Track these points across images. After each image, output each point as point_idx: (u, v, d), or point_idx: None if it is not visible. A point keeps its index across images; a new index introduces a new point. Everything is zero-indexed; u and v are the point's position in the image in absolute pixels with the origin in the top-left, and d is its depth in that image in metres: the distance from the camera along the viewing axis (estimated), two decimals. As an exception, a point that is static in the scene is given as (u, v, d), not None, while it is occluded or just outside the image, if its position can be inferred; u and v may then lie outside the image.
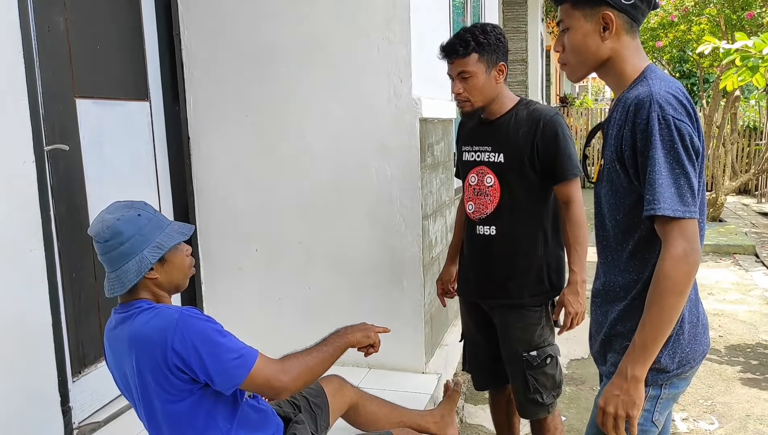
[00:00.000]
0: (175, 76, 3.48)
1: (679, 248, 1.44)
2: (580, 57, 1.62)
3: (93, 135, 2.93)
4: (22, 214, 2.40)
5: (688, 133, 1.46)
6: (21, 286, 2.40)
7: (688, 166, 1.45)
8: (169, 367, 1.67)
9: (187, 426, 1.76)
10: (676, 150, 1.44)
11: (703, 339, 1.63)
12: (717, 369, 4.13)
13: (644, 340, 1.49)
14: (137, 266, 1.72)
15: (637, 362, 1.50)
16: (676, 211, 1.43)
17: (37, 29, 2.58)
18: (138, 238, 1.72)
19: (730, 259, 7.19)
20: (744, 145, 12.43)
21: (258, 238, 3.61)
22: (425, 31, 3.54)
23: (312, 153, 3.45)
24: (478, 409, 3.49)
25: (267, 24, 3.41)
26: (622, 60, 1.59)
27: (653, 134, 1.45)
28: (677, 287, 1.45)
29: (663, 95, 1.47)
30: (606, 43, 1.57)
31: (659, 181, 1.44)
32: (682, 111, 1.47)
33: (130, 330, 1.73)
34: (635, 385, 1.51)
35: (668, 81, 1.53)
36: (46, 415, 2.52)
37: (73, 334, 2.79)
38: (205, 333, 1.69)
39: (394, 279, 3.44)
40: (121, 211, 1.75)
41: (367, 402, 2.40)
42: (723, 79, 4.36)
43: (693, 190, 1.45)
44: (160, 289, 1.81)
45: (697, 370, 1.66)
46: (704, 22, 8.76)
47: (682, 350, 1.57)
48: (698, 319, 1.61)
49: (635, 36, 1.60)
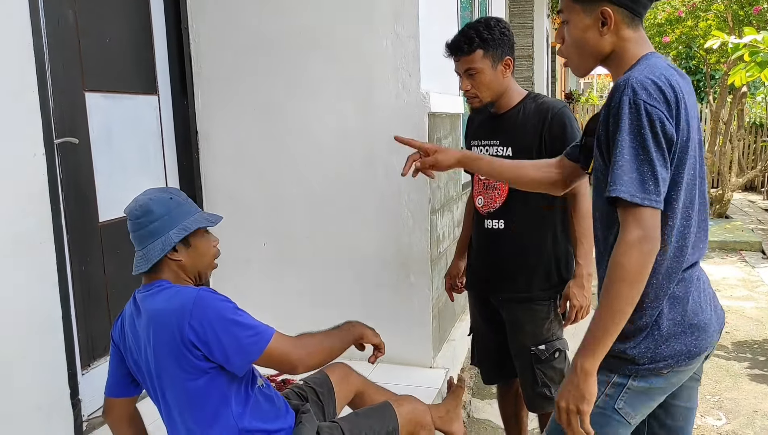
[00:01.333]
0: (183, 70, 3.48)
1: (634, 236, 1.39)
2: (580, 51, 1.60)
3: (102, 128, 2.94)
4: (32, 206, 2.40)
5: (659, 119, 1.40)
6: (31, 278, 2.40)
7: (655, 153, 1.40)
8: (185, 344, 1.70)
9: (199, 408, 1.78)
10: (643, 135, 1.40)
11: (690, 340, 1.53)
12: (724, 365, 4.13)
13: (595, 331, 1.45)
14: (162, 245, 1.79)
15: (587, 355, 1.46)
16: (633, 197, 1.39)
17: (47, 23, 2.59)
18: (166, 219, 1.80)
19: (736, 256, 7.17)
20: (750, 142, 12.39)
21: (266, 231, 3.61)
22: (434, 25, 3.53)
23: (320, 147, 3.45)
24: (485, 404, 3.49)
25: (275, 18, 3.41)
26: (624, 52, 1.55)
27: (622, 117, 1.42)
28: (628, 276, 1.40)
29: (640, 79, 1.43)
30: (605, 38, 1.55)
31: (621, 163, 1.40)
32: (659, 96, 1.41)
33: (150, 307, 1.77)
34: (584, 378, 1.46)
35: (656, 67, 1.47)
36: (56, 407, 2.53)
37: (82, 327, 2.80)
38: (222, 310, 1.73)
39: (401, 274, 3.44)
40: (154, 193, 1.85)
41: (373, 390, 2.41)
42: (731, 74, 4.35)
43: (657, 179, 1.40)
44: (183, 272, 1.86)
45: (687, 373, 1.58)
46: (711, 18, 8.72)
47: (656, 346, 1.51)
48: (684, 319, 1.53)
49: (638, 28, 1.56)
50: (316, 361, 1.88)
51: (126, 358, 1.89)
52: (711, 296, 1.64)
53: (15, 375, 2.32)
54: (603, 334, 1.44)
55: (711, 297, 1.64)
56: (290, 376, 3.16)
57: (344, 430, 2.00)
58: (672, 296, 1.52)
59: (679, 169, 1.46)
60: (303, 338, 1.87)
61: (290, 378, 3.12)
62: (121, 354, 1.90)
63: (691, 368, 1.58)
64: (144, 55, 3.27)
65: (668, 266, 1.51)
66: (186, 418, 1.81)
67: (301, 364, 1.83)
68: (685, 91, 1.48)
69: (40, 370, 2.46)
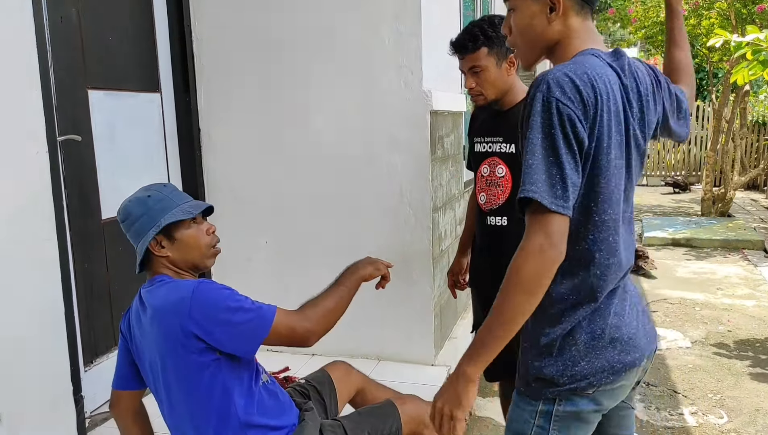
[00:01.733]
0: (186, 67, 3.49)
1: (536, 242, 1.29)
2: (527, 39, 1.50)
3: (105, 126, 2.94)
4: (35, 203, 2.41)
5: (570, 119, 1.28)
6: (34, 275, 2.41)
7: (564, 155, 1.28)
8: (188, 336, 1.71)
9: (203, 402, 1.79)
10: (553, 135, 1.29)
11: (612, 355, 1.42)
12: (726, 363, 4.13)
13: (482, 335, 1.35)
14: (143, 244, 1.81)
15: (471, 359, 1.36)
16: (543, 198, 1.27)
17: (51, 21, 2.59)
18: (145, 218, 1.81)
19: (738, 255, 7.16)
20: (753, 141, 12.38)
21: (268, 229, 3.62)
22: (436, 23, 3.53)
23: (322, 144, 3.46)
24: (487, 402, 3.49)
25: (278, 16, 3.41)
26: (568, 44, 1.45)
27: (533, 115, 1.31)
28: (524, 284, 1.29)
29: (557, 76, 1.32)
30: (553, 26, 1.45)
31: (531, 163, 1.30)
32: (574, 96, 1.29)
33: (152, 302, 1.79)
34: (464, 384, 1.37)
35: (584, 65, 1.35)
36: (59, 404, 2.54)
37: (85, 324, 2.81)
38: (221, 299, 1.74)
39: (403, 271, 3.44)
40: (136, 194, 1.86)
41: (374, 388, 2.41)
42: (734, 73, 4.34)
43: (566, 183, 1.28)
44: (176, 266, 1.86)
45: (616, 393, 1.47)
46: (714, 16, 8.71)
47: (574, 363, 1.40)
48: (605, 332, 1.41)
49: (586, 18, 1.47)
50: (325, 327, 1.87)
51: (132, 352, 1.91)
52: (640, 311, 1.53)
53: (18, 371, 2.33)
54: (491, 341, 1.33)
55: (639, 312, 1.53)
56: (292, 373, 3.17)
57: (347, 428, 2.00)
58: (597, 311, 1.41)
59: (595, 177, 1.35)
60: (306, 309, 1.86)
61: (292, 376, 3.13)
62: (129, 347, 1.91)
63: (620, 387, 1.47)
64: (146, 52, 3.28)
65: (584, 278, 1.39)
66: (189, 412, 1.82)
67: (311, 335, 1.82)
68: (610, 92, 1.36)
69: (43, 367, 2.47)
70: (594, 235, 1.37)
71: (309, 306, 1.88)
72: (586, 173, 1.34)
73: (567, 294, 1.40)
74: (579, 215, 1.35)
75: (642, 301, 1.55)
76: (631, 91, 1.43)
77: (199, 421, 1.82)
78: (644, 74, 1.50)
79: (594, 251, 1.38)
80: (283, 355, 3.58)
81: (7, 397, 2.29)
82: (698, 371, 4.01)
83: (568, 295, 1.40)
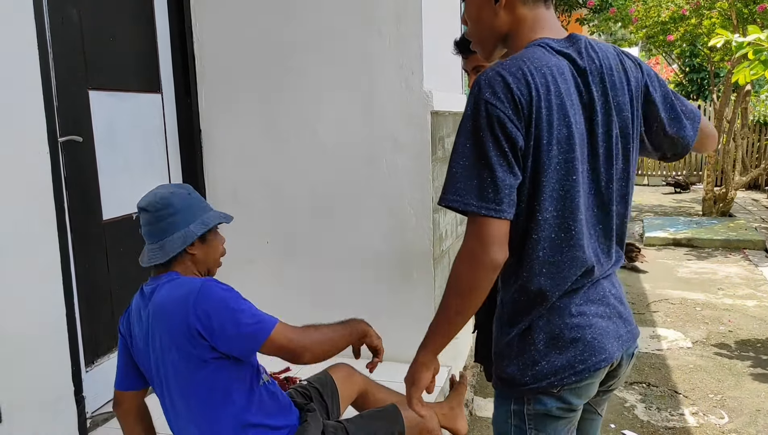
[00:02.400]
0: (186, 68, 3.49)
1: (468, 246, 1.29)
2: (478, 31, 1.48)
3: (105, 126, 2.95)
4: (36, 205, 2.42)
5: (498, 119, 1.25)
6: (35, 276, 2.42)
7: (494, 157, 1.25)
8: (191, 332, 1.72)
9: (203, 399, 1.80)
10: (482, 138, 1.26)
11: (572, 355, 1.39)
12: (727, 364, 4.13)
13: (430, 328, 1.42)
14: (183, 238, 1.83)
15: (422, 346, 1.44)
16: (468, 205, 1.26)
17: (51, 22, 2.60)
18: (187, 213, 1.84)
19: (739, 254, 7.16)
20: (754, 140, 12.38)
21: (269, 230, 3.62)
22: (436, 23, 3.53)
23: (323, 146, 3.46)
24: (488, 402, 3.49)
25: (278, 17, 3.41)
26: (516, 35, 1.42)
27: (464, 118, 1.29)
28: (458, 287, 1.32)
29: (490, 76, 1.28)
30: (500, 16, 1.41)
31: (456, 169, 1.28)
32: (505, 95, 1.26)
33: (157, 298, 1.80)
34: (417, 367, 1.44)
35: (522, 59, 1.31)
36: (60, 404, 2.55)
37: (86, 325, 2.81)
38: (226, 299, 1.76)
39: (404, 272, 3.44)
40: (174, 188, 1.89)
41: (376, 389, 2.42)
42: (735, 72, 4.34)
43: (497, 186, 1.25)
44: (195, 265, 1.90)
45: (583, 391, 1.44)
46: (715, 16, 8.71)
47: (534, 363, 1.39)
48: (564, 333, 1.39)
49: (535, 7, 1.41)
50: (320, 351, 1.88)
51: (132, 351, 1.91)
52: (615, 314, 1.47)
53: (19, 372, 2.34)
54: (433, 335, 1.41)
55: (615, 314, 1.47)
56: (293, 374, 3.17)
57: (349, 431, 2.01)
58: (555, 310, 1.39)
59: (537, 176, 1.30)
60: (307, 329, 1.88)
61: (293, 377, 3.13)
62: (128, 346, 1.92)
63: (586, 386, 1.43)
64: (147, 53, 3.28)
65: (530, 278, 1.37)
66: (190, 410, 1.82)
67: (305, 353, 1.84)
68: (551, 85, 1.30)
69: (45, 368, 2.47)
70: (538, 235, 1.34)
71: (311, 327, 1.90)
72: (529, 173, 1.31)
73: (517, 295, 1.40)
74: (525, 215, 1.34)
75: (623, 304, 1.51)
76: (590, 74, 1.37)
77: (199, 419, 1.82)
78: (606, 55, 1.43)
79: (538, 250, 1.35)
80: (283, 356, 3.59)
81: (8, 397, 2.29)
82: (699, 371, 4.01)
83: (518, 295, 1.40)
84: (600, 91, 1.38)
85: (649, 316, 5.10)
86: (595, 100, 1.36)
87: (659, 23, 9.28)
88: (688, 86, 14.80)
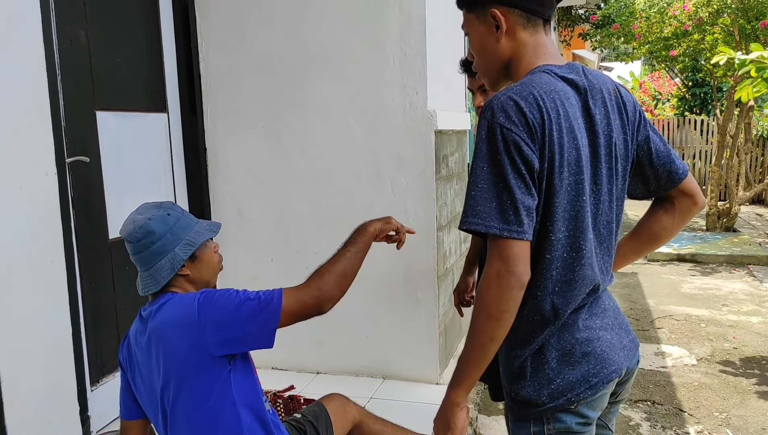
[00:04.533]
0: (192, 88, 3.52)
1: (493, 268, 1.30)
2: (483, 61, 1.50)
3: (112, 146, 2.97)
4: (44, 225, 2.44)
5: (515, 143, 1.27)
6: (42, 295, 2.44)
7: (513, 180, 1.27)
8: (205, 344, 1.69)
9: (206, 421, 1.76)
10: (500, 162, 1.28)
11: (587, 369, 1.41)
12: (732, 381, 4.11)
13: (460, 361, 1.39)
14: (170, 264, 1.78)
15: (453, 386, 1.40)
16: (490, 228, 1.28)
17: (60, 43, 2.63)
18: (169, 237, 1.78)
19: (744, 270, 7.14)
20: (758, 155, 12.38)
21: (273, 248, 3.63)
22: (440, 42, 3.56)
23: (327, 164, 3.48)
24: (492, 420, 3.49)
25: (283, 37, 3.45)
26: (519, 60, 1.44)
27: (479, 143, 1.31)
28: (486, 309, 1.31)
29: (502, 101, 1.31)
30: (503, 43, 1.43)
31: (475, 193, 1.30)
32: (518, 119, 1.28)
33: (156, 321, 1.76)
34: (451, 408, 1.41)
35: (531, 84, 1.34)
36: (65, 423, 2.55)
37: (91, 343, 2.83)
38: (226, 300, 1.73)
39: (408, 290, 3.45)
40: (151, 212, 1.81)
41: (371, 421, 2.38)
42: (738, 90, 4.36)
43: (518, 208, 1.28)
44: (192, 284, 1.86)
45: (598, 402, 1.45)
46: (718, 32, 8.74)
47: (549, 381, 1.41)
48: (575, 348, 1.42)
49: (536, 32, 1.43)
50: (337, 291, 1.85)
51: (132, 379, 1.88)
52: (617, 326, 1.52)
53: (25, 390, 2.35)
54: (465, 366, 1.38)
55: (616, 326, 1.52)
56: (297, 392, 3.17)
57: None
58: (566, 326, 1.42)
59: (550, 198, 1.33)
60: (312, 280, 1.83)
61: (297, 395, 3.13)
62: (127, 378, 1.89)
63: (600, 396, 1.45)
64: (154, 73, 3.31)
65: (544, 297, 1.39)
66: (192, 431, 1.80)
67: (325, 303, 1.81)
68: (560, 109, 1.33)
69: (50, 386, 2.48)
70: (551, 254, 1.36)
71: (315, 276, 1.85)
72: (543, 195, 1.33)
73: (531, 314, 1.40)
74: (539, 235, 1.35)
75: (621, 315, 1.56)
76: (592, 98, 1.41)
77: None
78: (604, 80, 1.47)
79: (551, 269, 1.37)
80: (288, 374, 3.59)
81: (14, 415, 2.30)
82: (704, 389, 4.00)
83: (533, 314, 1.40)
84: (601, 114, 1.41)
85: (654, 332, 5.09)
86: (597, 123, 1.40)
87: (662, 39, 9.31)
88: (691, 101, 14.82)
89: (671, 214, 1.63)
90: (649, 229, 1.67)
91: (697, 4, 8.18)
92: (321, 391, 2.34)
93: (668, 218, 1.64)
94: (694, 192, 1.61)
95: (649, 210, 1.69)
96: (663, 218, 1.65)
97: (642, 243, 1.71)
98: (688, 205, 1.62)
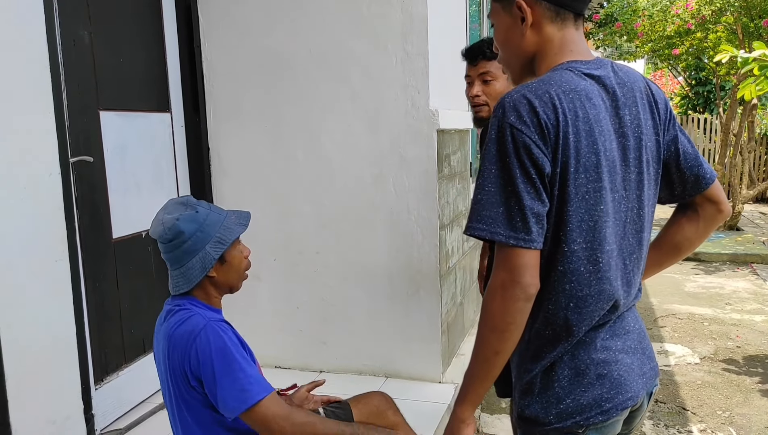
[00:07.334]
0: (195, 87, 3.53)
1: (498, 278, 1.23)
2: (508, 53, 1.42)
3: (116, 146, 2.98)
4: (48, 225, 2.45)
5: (524, 145, 1.19)
6: (47, 296, 2.45)
7: (522, 184, 1.19)
8: (184, 372, 1.72)
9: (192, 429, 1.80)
10: (509, 164, 1.20)
11: (600, 393, 1.33)
12: (735, 380, 4.11)
13: (466, 376, 1.32)
14: (201, 263, 1.77)
15: (460, 402, 1.34)
16: (496, 235, 1.20)
17: (63, 43, 2.64)
18: (199, 235, 1.77)
19: (747, 269, 7.14)
20: (761, 153, 12.35)
21: (276, 247, 3.64)
22: (442, 41, 3.57)
23: (330, 163, 3.49)
24: (495, 419, 3.49)
25: (286, 37, 3.45)
26: (544, 56, 1.35)
27: (488, 143, 1.23)
28: (491, 321, 1.24)
29: (515, 98, 1.22)
30: (528, 36, 1.34)
31: (482, 197, 1.22)
32: (531, 119, 1.20)
33: (167, 325, 1.78)
34: (457, 425, 1.34)
35: (549, 82, 1.25)
36: (70, 422, 2.56)
37: (95, 343, 2.84)
38: (225, 349, 1.70)
39: (411, 289, 3.46)
40: (178, 211, 1.79)
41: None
42: (741, 88, 4.35)
43: (526, 214, 1.19)
44: (216, 288, 1.85)
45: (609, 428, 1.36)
46: (721, 30, 8.73)
47: (559, 401, 1.32)
48: (590, 368, 1.33)
49: (564, 27, 1.34)
50: None
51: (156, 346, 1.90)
52: (639, 350, 1.42)
53: (29, 389, 2.36)
54: (472, 382, 1.31)
55: (639, 351, 1.42)
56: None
57: None
58: (581, 344, 1.33)
59: (563, 205, 1.24)
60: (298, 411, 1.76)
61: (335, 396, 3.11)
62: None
63: (612, 424, 1.36)
64: (157, 73, 3.32)
65: (556, 311, 1.30)
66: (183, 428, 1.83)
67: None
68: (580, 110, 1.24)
69: (54, 385, 2.49)
70: (564, 266, 1.27)
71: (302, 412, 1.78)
72: (555, 201, 1.24)
73: (542, 328, 1.33)
74: (551, 245, 1.27)
75: (646, 339, 1.46)
76: (621, 97, 1.32)
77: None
78: (635, 78, 1.39)
79: (564, 283, 1.28)
80: (291, 372, 3.60)
81: (18, 414, 2.31)
82: (707, 388, 4.00)
83: (543, 329, 1.33)
84: (632, 114, 1.33)
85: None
86: (626, 124, 1.31)
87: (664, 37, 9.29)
88: (695, 99, 14.79)
89: (695, 223, 1.53)
90: (670, 240, 1.56)
91: (699, 2, 8.16)
92: (324, 390, 2.34)
93: (691, 227, 1.53)
94: (719, 199, 1.50)
95: (670, 219, 1.58)
96: (686, 227, 1.54)
97: (663, 255, 1.59)
98: (712, 213, 1.51)
